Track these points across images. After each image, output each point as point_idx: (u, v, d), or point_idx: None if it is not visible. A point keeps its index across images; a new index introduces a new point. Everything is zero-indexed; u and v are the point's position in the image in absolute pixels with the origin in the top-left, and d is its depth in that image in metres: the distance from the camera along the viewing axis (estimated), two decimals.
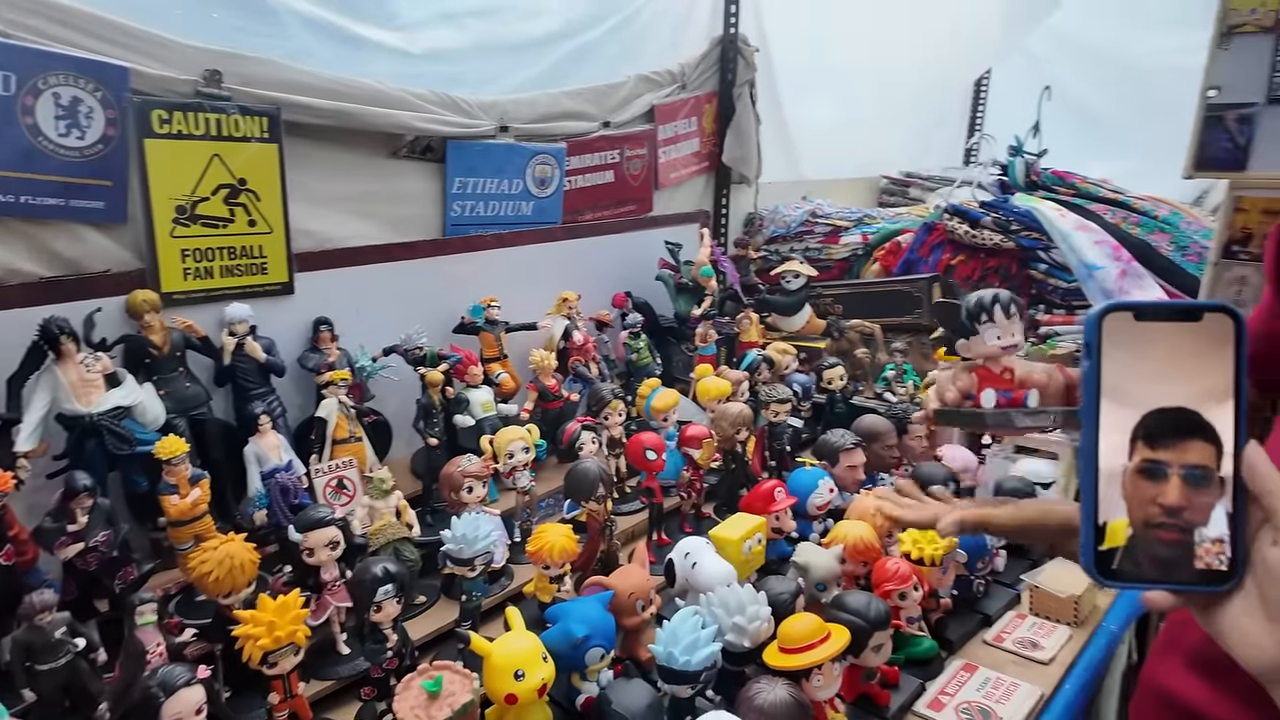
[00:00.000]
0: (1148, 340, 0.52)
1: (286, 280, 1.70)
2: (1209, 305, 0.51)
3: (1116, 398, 0.52)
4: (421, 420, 1.72)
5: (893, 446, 1.77)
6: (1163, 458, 0.51)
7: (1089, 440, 0.52)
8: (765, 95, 2.94)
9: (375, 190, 1.89)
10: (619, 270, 2.40)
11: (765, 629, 1.19)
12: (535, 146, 2.19)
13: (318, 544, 1.27)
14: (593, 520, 1.47)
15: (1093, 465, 0.52)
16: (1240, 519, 0.51)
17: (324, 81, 1.68)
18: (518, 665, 1.08)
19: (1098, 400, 0.52)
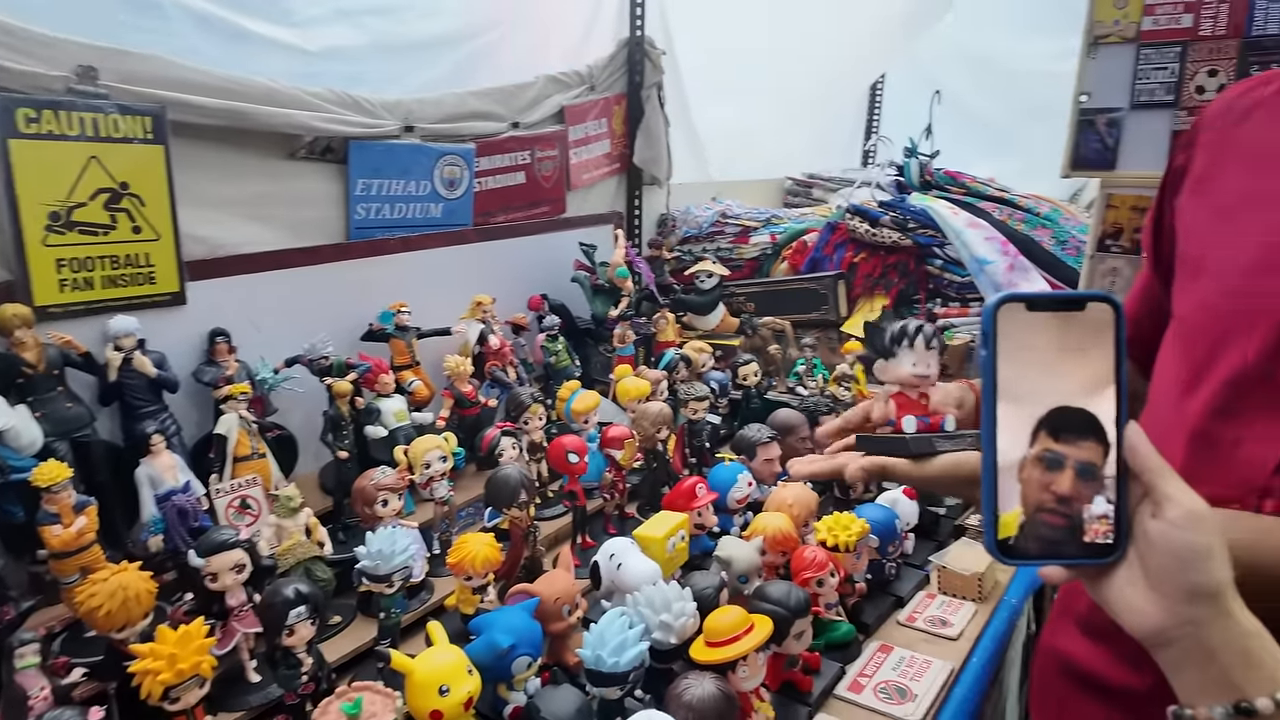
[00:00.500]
0: (1038, 329, 0.55)
1: (177, 290, 1.60)
2: (1092, 295, 0.55)
3: (1012, 386, 0.55)
4: (330, 433, 1.65)
5: (806, 438, 1.82)
6: (1062, 450, 0.55)
7: (988, 428, 0.56)
8: (673, 97, 2.97)
9: (272, 193, 1.81)
10: (534, 272, 2.37)
11: (691, 624, 1.21)
12: (443, 147, 2.14)
13: (222, 568, 1.20)
14: (515, 527, 1.45)
15: (992, 451, 0.55)
16: (1122, 495, 0.55)
17: (213, 79, 1.59)
18: (442, 680, 1.05)
19: (995, 389, 0.55)
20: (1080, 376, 0.55)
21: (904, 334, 0.89)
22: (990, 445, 0.55)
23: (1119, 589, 0.55)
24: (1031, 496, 0.55)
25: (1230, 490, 0.78)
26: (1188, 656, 0.52)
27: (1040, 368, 0.55)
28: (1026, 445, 0.55)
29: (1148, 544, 0.53)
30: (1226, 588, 0.51)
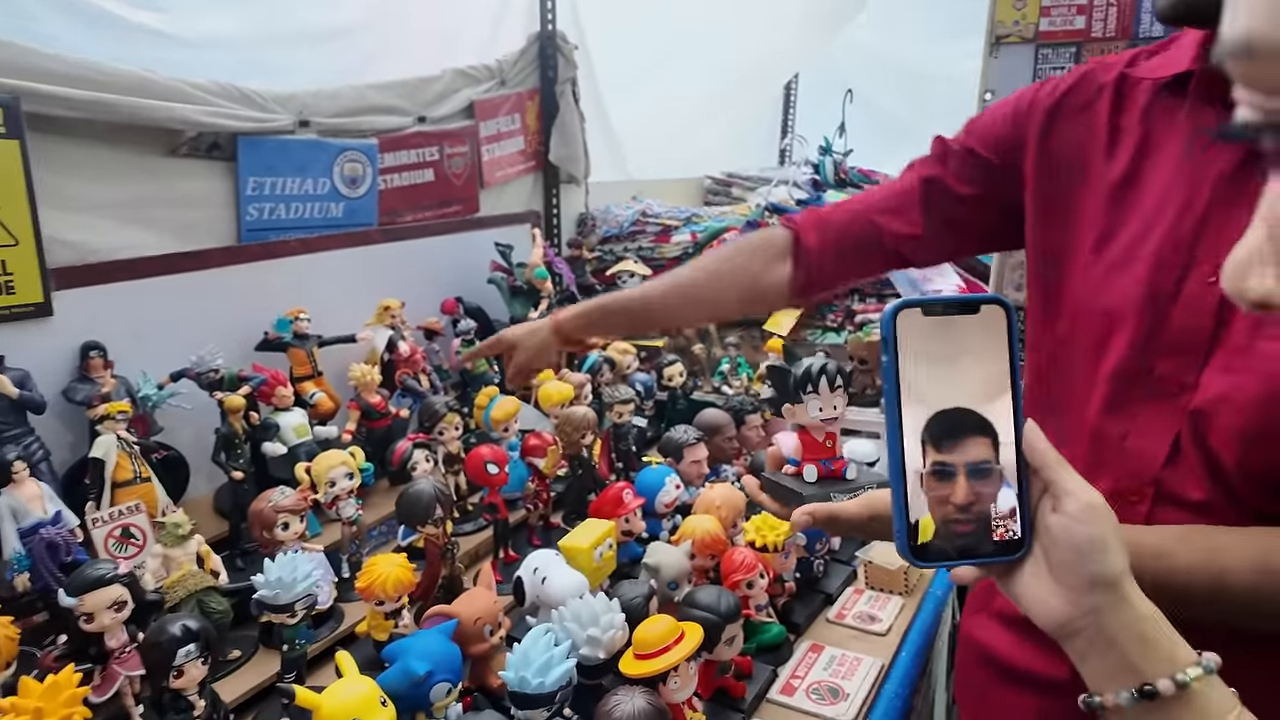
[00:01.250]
0: (935, 335, 0.55)
1: (41, 300, 1.44)
2: (984, 298, 0.55)
3: (913, 394, 0.55)
4: (222, 452, 1.52)
5: (732, 438, 1.81)
6: (948, 459, 0.55)
7: (893, 437, 0.55)
8: (588, 94, 2.92)
9: (152, 194, 1.66)
10: (447, 274, 2.27)
11: (620, 637, 1.16)
12: (342, 143, 2.02)
13: (98, 607, 1.08)
14: (431, 545, 1.36)
15: (899, 461, 0.55)
16: (1024, 492, 0.56)
17: (75, 68, 1.44)
18: (352, 714, 0.97)
19: (899, 396, 0.55)
20: (976, 376, 0.55)
21: (808, 378, 0.89)
22: (896, 451, 0.55)
23: (1026, 583, 0.55)
24: (936, 510, 0.55)
25: (1126, 483, 0.80)
26: (1091, 645, 0.52)
27: (939, 373, 0.55)
28: (924, 451, 0.55)
29: (1050, 538, 0.54)
30: (1124, 575, 0.52)
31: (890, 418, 0.55)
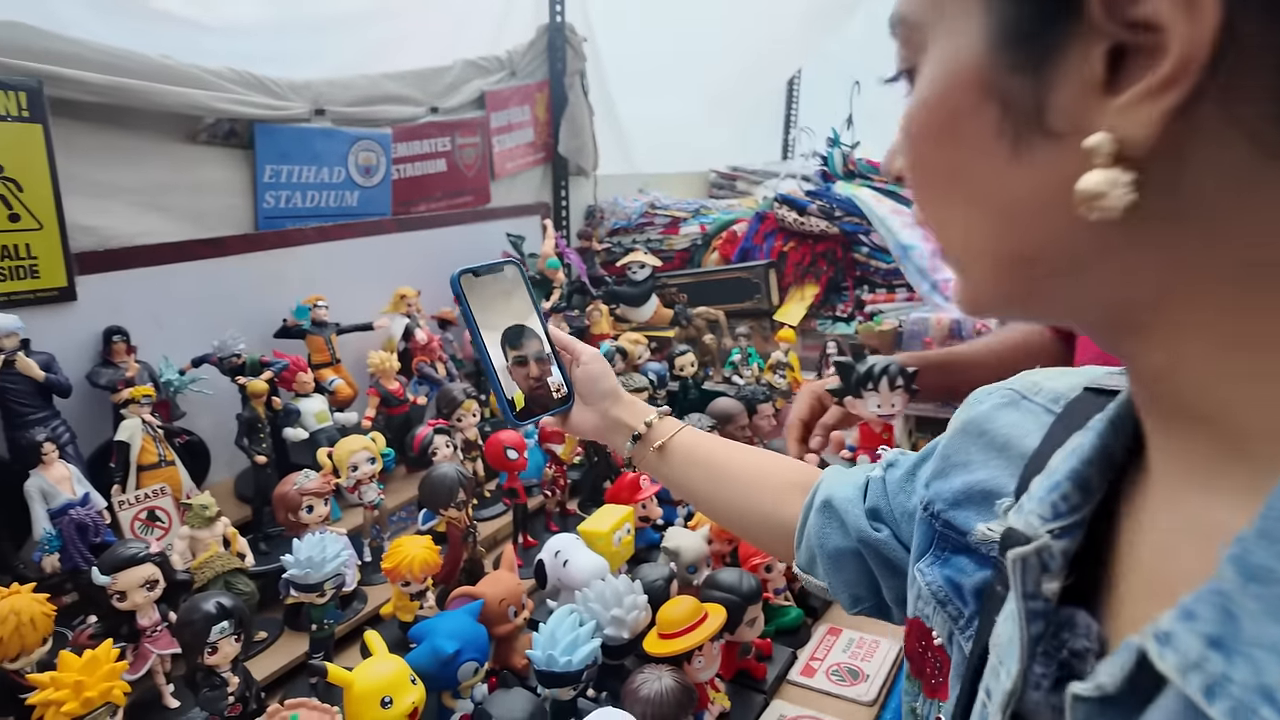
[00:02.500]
0: (487, 286, 0.84)
1: (65, 285, 1.45)
2: (506, 261, 0.87)
3: (486, 323, 0.83)
4: (245, 437, 1.54)
5: (745, 427, 1.82)
6: (521, 353, 0.84)
7: (482, 352, 0.83)
8: (597, 86, 2.92)
9: (171, 180, 1.66)
10: (458, 263, 2.26)
11: (644, 618, 1.18)
12: (357, 132, 2.03)
13: (130, 585, 1.10)
14: (453, 529, 1.38)
15: (491, 366, 0.83)
16: (561, 365, 0.87)
17: (95, 53, 1.44)
18: (384, 692, 0.99)
19: (477, 326, 0.82)
20: (516, 305, 0.86)
21: (869, 376, 0.94)
22: (487, 359, 0.83)
23: (575, 418, 0.88)
24: (522, 384, 0.84)
25: None
26: (612, 429, 0.86)
27: (497, 305, 0.84)
28: (504, 356, 0.83)
29: (580, 382, 0.87)
30: (617, 387, 0.87)
31: (475, 340, 0.83)
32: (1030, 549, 0.37)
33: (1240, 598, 0.26)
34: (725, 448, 0.83)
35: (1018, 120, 0.30)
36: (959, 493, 0.52)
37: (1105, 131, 0.27)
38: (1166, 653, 0.28)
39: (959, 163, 0.33)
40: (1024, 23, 0.29)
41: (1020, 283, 0.34)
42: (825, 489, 0.70)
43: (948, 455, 0.54)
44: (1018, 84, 0.30)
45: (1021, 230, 0.32)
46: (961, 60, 0.32)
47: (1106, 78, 0.27)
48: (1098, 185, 0.28)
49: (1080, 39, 0.27)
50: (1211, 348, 0.30)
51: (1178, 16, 0.25)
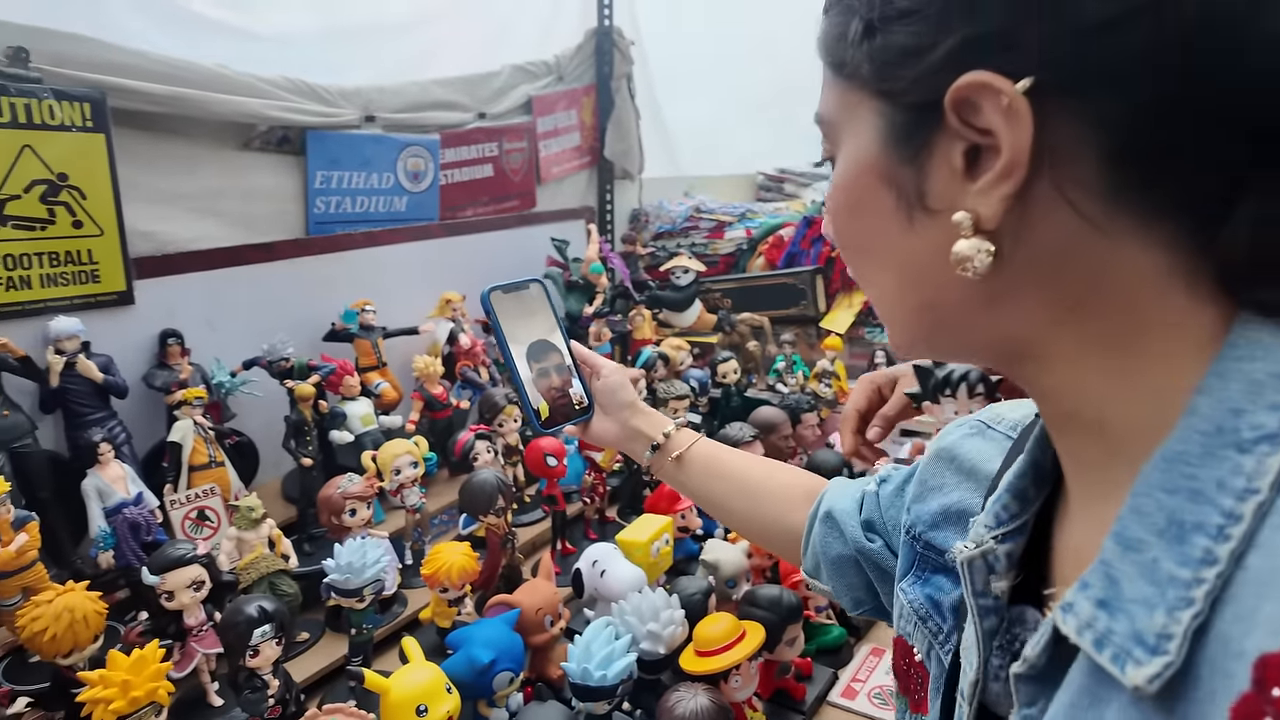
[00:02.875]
0: (514, 302, 0.88)
1: (124, 289, 1.50)
2: (530, 280, 0.91)
3: (513, 337, 0.87)
4: (292, 439, 1.56)
5: (788, 436, 1.79)
6: (543, 366, 0.88)
7: (510, 361, 0.87)
8: (643, 89, 2.91)
9: (225, 186, 1.71)
10: (504, 269, 2.29)
11: (680, 633, 1.16)
12: (405, 138, 2.05)
13: (178, 585, 1.12)
14: (492, 535, 1.38)
15: (518, 377, 0.87)
16: (582, 378, 0.90)
17: (156, 64, 1.48)
18: (419, 700, 0.99)
19: (506, 340, 0.86)
20: (540, 321, 0.90)
21: (947, 383, 0.92)
22: (515, 371, 0.86)
23: (595, 427, 0.90)
24: (545, 393, 0.87)
25: None
26: (631, 438, 0.89)
27: (522, 321, 0.88)
28: (529, 368, 0.87)
29: (600, 394, 0.90)
30: (636, 399, 0.91)
31: (505, 354, 0.87)
32: (976, 552, 0.44)
33: (1119, 564, 0.33)
34: (739, 458, 0.88)
35: (908, 201, 0.38)
36: (936, 514, 0.58)
37: (965, 210, 0.35)
38: (1068, 618, 0.35)
39: (868, 233, 0.41)
40: (906, 127, 0.37)
41: (927, 327, 0.42)
42: (828, 500, 0.76)
43: (924, 480, 0.60)
44: (904, 173, 0.37)
45: (920, 286, 0.40)
46: (864, 154, 0.39)
47: (966, 169, 0.35)
48: (965, 251, 0.35)
49: (945, 140, 0.35)
50: (1080, 366, 0.37)
51: (1004, 125, 0.32)
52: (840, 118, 0.41)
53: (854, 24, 0.38)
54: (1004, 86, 0.32)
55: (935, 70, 0.34)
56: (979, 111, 0.33)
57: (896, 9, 0.35)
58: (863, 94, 0.39)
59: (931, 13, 0.34)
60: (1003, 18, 0.32)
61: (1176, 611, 0.30)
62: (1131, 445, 0.35)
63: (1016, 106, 0.32)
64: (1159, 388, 0.34)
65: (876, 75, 0.37)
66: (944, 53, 0.33)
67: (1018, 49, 0.32)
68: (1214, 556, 0.30)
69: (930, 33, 0.34)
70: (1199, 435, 0.32)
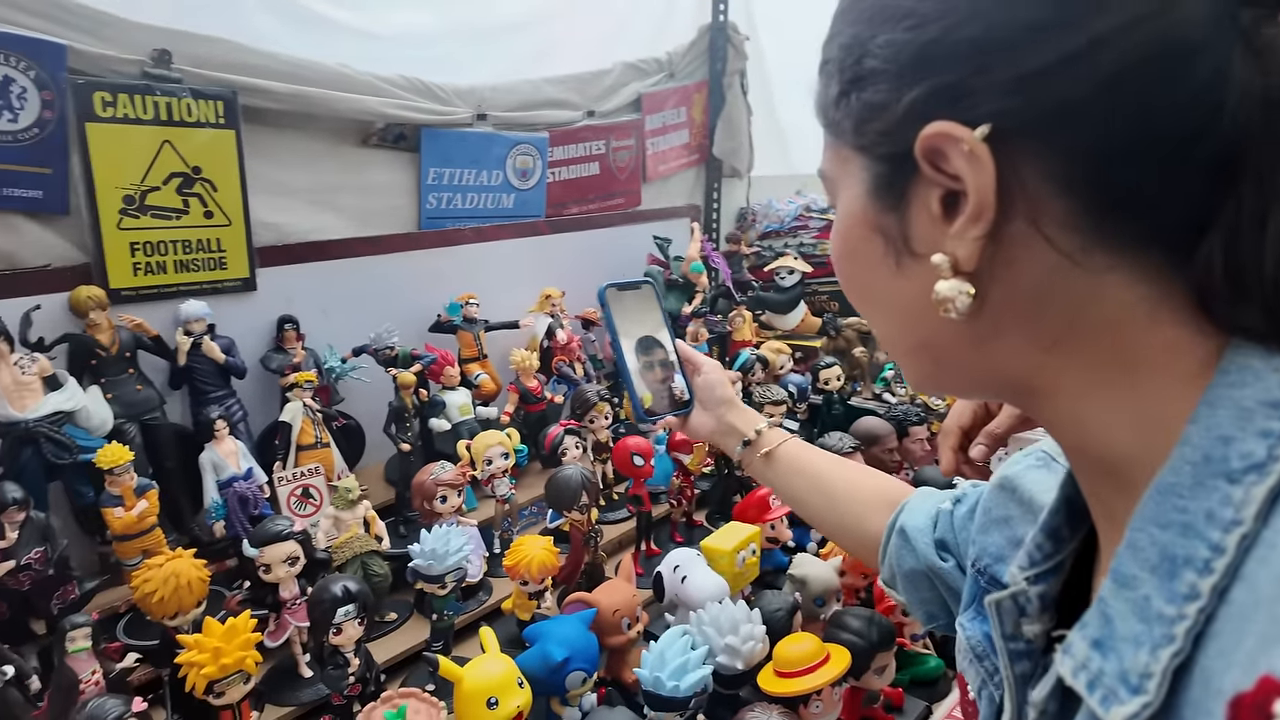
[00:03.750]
0: (626, 298, 0.94)
1: (248, 276, 1.59)
2: (641, 280, 0.96)
3: (624, 331, 0.92)
4: (393, 424, 1.62)
5: (893, 450, 1.68)
6: (650, 360, 0.93)
7: (619, 353, 0.92)
8: (757, 86, 2.84)
9: (344, 181, 1.79)
10: (605, 266, 2.30)
11: (760, 650, 1.11)
12: (516, 136, 2.09)
13: (274, 560, 1.18)
14: (576, 531, 1.37)
15: (626, 369, 0.91)
16: (684, 373, 0.95)
17: (283, 64, 1.57)
18: (491, 692, 0.99)
19: (618, 333, 0.91)
20: (650, 319, 0.95)
21: None
22: (624, 362, 0.91)
23: (693, 420, 0.94)
24: (650, 386, 0.92)
25: None
26: (726, 433, 0.92)
27: (633, 316, 0.93)
28: (637, 360, 0.92)
29: (700, 389, 0.94)
30: (734, 396, 0.95)
31: (615, 345, 0.92)
32: (1005, 594, 0.44)
33: (1114, 602, 0.33)
34: (827, 460, 0.89)
35: (895, 246, 0.40)
36: (1002, 547, 0.55)
37: (942, 253, 0.37)
38: (1066, 660, 0.35)
39: (864, 278, 0.43)
40: (885, 178, 0.39)
41: (928, 365, 0.43)
42: (905, 513, 0.75)
43: (988, 510, 0.58)
44: (888, 220, 0.39)
45: (914, 327, 0.42)
46: (854, 204, 0.42)
47: (944, 214, 0.36)
48: (945, 292, 0.36)
49: (922, 187, 0.37)
50: (1078, 400, 0.37)
51: (968, 170, 0.34)
52: (835, 173, 0.44)
53: (832, 86, 0.41)
54: (963, 134, 0.33)
55: (901, 123, 0.36)
56: (946, 158, 0.35)
57: (865, 69, 0.38)
58: (849, 150, 0.41)
59: (893, 71, 0.36)
60: (954, 71, 0.34)
61: (1158, 650, 0.30)
62: (1134, 478, 0.35)
63: (977, 152, 0.33)
64: (1154, 419, 0.34)
65: (854, 131, 0.40)
66: (905, 106, 0.36)
67: (970, 98, 0.34)
68: (1197, 591, 0.29)
69: (893, 89, 0.36)
70: (1189, 466, 0.31)
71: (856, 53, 0.38)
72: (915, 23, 0.35)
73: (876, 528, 0.78)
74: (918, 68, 0.35)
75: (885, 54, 0.37)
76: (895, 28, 0.36)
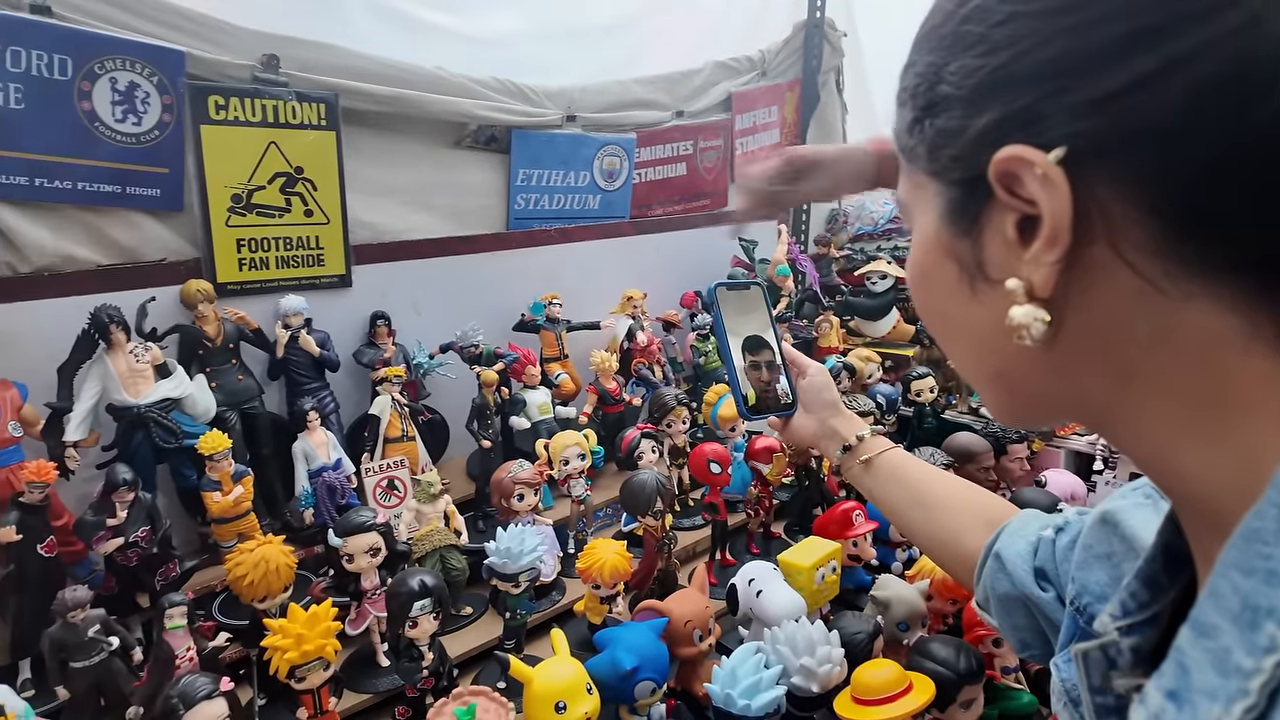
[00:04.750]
0: (736, 299, 0.96)
1: (344, 273, 1.65)
2: (752, 281, 1.01)
3: (732, 329, 0.95)
4: (475, 421, 1.64)
5: (989, 469, 1.59)
6: (756, 359, 0.95)
7: (726, 351, 0.94)
8: (854, 83, 2.76)
9: (436, 181, 1.83)
10: (689, 268, 2.27)
11: (837, 673, 1.06)
12: (604, 137, 2.09)
13: (357, 550, 1.21)
14: (649, 536, 1.35)
15: (732, 366, 0.94)
16: (789, 375, 0.96)
17: (383, 67, 1.62)
18: (559, 696, 0.99)
19: (726, 332, 0.94)
20: (757, 319, 0.97)
21: None
22: (730, 359, 0.94)
23: (795, 425, 0.96)
24: (755, 385, 0.94)
25: None
26: (828, 438, 0.93)
27: (741, 317, 0.96)
28: (743, 359, 0.94)
29: (804, 391, 0.96)
30: (838, 401, 0.95)
31: (722, 343, 0.94)
32: (1094, 644, 0.41)
33: (1191, 652, 0.31)
34: (929, 472, 0.87)
35: (969, 272, 0.39)
36: (1104, 586, 0.53)
37: (1017, 278, 0.36)
38: (1139, 710, 0.34)
39: (940, 305, 0.43)
40: (959, 203, 0.38)
41: (1004, 395, 0.43)
42: (1005, 536, 0.72)
43: (1089, 545, 0.55)
44: (962, 245, 0.39)
45: (990, 355, 0.41)
46: (929, 230, 0.41)
47: (1019, 238, 0.35)
48: (1019, 318, 0.36)
49: (997, 212, 0.36)
50: (1162, 435, 0.35)
51: (1043, 194, 0.33)
52: (911, 199, 0.44)
53: (907, 114, 0.41)
54: (1036, 158, 0.33)
55: (973, 148, 0.36)
56: (1021, 182, 0.34)
57: (938, 95, 0.38)
58: (924, 176, 0.41)
59: (964, 96, 0.36)
60: (1027, 95, 0.34)
61: (1232, 704, 0.29)
62: (1224, 519, 0.32)
63: (1051, 176, 0.33)
64: (1245, 457, 0.33)
65: (928, 157, 0.39)
66: (978, 131, 0.35)
67: (1043, 121, 0.33)
68: (1276, 644, 0.28)
69: (965, 114, 0.36)
70: (1275, 510, 0.30)
71: (930, 79, 0.38)
72: (987, 49, 0.35)
73: (973, 546, 0.75)
74: (990, 93, 0.35)
75: (957, 80, 0.37)
76: (967, 54, 0.36)
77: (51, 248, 1.32)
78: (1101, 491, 1.70)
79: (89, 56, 1.27)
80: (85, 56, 1.27)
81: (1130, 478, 1.76)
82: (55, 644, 1.07)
